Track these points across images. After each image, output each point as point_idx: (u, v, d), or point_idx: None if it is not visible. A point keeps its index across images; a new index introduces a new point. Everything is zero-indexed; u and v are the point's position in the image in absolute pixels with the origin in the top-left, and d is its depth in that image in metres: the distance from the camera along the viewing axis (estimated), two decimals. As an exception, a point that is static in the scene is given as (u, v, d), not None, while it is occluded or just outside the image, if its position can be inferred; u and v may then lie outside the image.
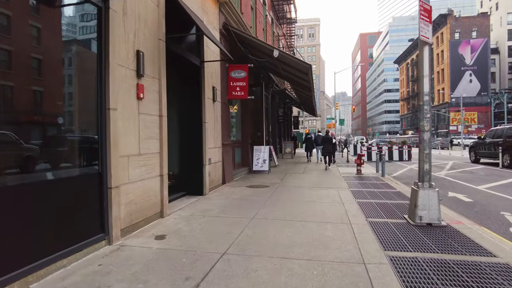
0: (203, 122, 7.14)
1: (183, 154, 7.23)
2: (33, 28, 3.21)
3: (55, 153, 3.50)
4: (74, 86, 3.76)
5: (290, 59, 8.88)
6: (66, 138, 3.62)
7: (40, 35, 3.27)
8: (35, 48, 3.24)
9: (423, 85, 4.72)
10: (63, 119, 3.59)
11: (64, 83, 3.61)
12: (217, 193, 7.37)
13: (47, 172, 3.34)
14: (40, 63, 3.29)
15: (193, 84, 7.13)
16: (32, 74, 3.20)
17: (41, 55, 3.28)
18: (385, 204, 6.11)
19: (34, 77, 3.22)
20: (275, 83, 15.85)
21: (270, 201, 6.41)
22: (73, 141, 3.73)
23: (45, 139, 3.40)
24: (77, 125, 3.79)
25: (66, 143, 3.63)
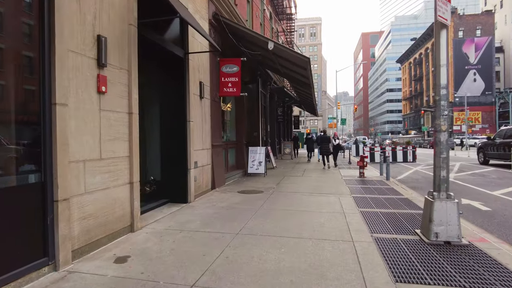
0: (188, 121, 6.39)
1: (166, 157, 6.48)
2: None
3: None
4: (9, 77, 3.01)
5: (287, 53, 8.12)
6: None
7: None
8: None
9: (440, 76, 3.95)
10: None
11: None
12: (203, 200, 6.61)
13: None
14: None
15: (176, 79, 6.38)
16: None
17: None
18: (392, 215, 5.33)
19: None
20: (273, 80, 15.08)
21: (261, 211, 5.65)
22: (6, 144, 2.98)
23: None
24: (13, 124, 3.05)
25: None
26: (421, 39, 65.18)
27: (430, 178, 10.92)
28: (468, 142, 35.80)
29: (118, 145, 4.24)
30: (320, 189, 7.95)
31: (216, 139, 8.00)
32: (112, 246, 3.92)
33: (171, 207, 6.01)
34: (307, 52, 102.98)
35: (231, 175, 9.70)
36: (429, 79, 62.75)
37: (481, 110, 53.09)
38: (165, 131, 6.47)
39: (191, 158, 6.45)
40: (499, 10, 62.26)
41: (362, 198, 6.79)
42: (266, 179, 9.85)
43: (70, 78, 3.43)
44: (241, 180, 9.66)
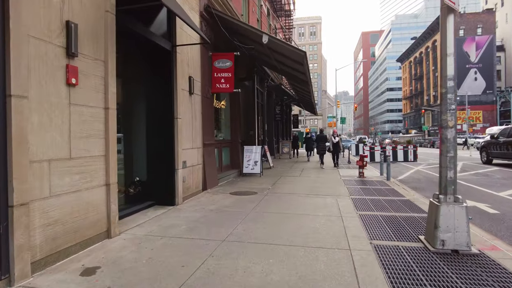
0: (175, 118, 6.00)
1: (152, 156, 6.09)
2: None
3: None
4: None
5: (282, 46, 7.72)
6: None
7: None
8: None
9: (446, 66, 3.55)
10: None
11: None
12: (192, 203, 6.22)
13: None
14: None
15: (163, 73, 5.98)
16: None
17: None
18: (394, 219, 4.94)
19: None
20: (270, 78, 14.69)
21: (253, 214, 5.26)
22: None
23: None
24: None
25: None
26: (422, 38, 64.75)
27: (432, 178, 10.57)
28: (469, 141, 35.37)
29: (92, 143, 3.85)
30: (317, 190, 7.56)
31: (207, 138, 7.61)
32: (83, 255, 3.53)
33: (157, 210, 5.63)
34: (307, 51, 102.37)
35: (225, 175, 9.32)
36: (430, 78, 62.34)
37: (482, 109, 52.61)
38: (151, 128, 6.08)
39: (179, 157, 6.06)
40: (500, 8, 61.79)
41: (361, 200, 6.40)
42: (261, 180, 9.46)
43: (31, 67, 3.04)
44: (236, 181, 9.27)
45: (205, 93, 7.55)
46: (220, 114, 10.12)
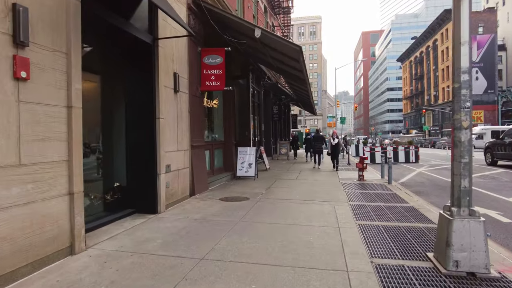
0: (157, 117, 5.48)
1: (132, 160, 5.57)
2: None
3: None
4: None
5: (276, 41, 7.20)
6: None
7: None
8: None
9: (460, 56, 3.04)
10: None
11: None
12: (176, 210, 5.70)
13: None
14: None
15: (143, 69, 5.47)
16: None
17: None
18: (397, 230, 4.42)
19: None
20: (267, 76, 14.17)
21: (240, 225, 4.74)
22: None
23: None
24: None
25: None
26: (422, 37, 64.23)
27: (436, 181, 10.06)
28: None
29: (50, 146, 3.34)
30: (314, 195, 7.04)
31: (196, 139, 7.09)
32: (36, 277, 3.02)
33: (136, 219, 5.11)
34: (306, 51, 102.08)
35: (217, 179, 8.80)
36: (430, 78, 61.81)
37: (483, 109, 52.25)
38: (131, 130, 5.56)
39: (161, 161, 5.54)
40: (501, 7, 61.27)
41: (361, 207, 5.88)
42: (255, 183, 8.94)
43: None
44: (228, 184, 8.74)
45: (193, 91, 7.03)
46: (212, 114, 9.61)
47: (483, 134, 32.51)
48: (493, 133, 31.11)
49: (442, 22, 56.35)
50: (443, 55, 57.32)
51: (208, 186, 7.69)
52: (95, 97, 5.28)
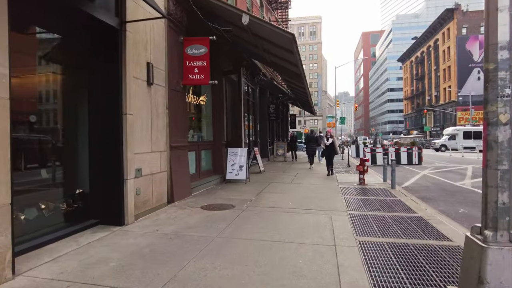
0: (123, 114, 4.70)
1: (96, 163, 4.79)
2: None
3: None
4: None
5: (266, 29, 6.41)
6: None
7: None
8: None
9: (497, 27, 2.25)
10: None
11: None
12: (147, 222, 4.91)
13: None
14: None
15: (107, 57, 4.69)
16: None
17: None
18: (406, 249, 3.63)
19: None
20: (262, 72, 13.38)
21: (217, 242, 3.95)
22: None
23: None
24: None
25: None
26: (423, 37, 63.49)
27: (443, 186, 9.27)
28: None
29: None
30: (309, 203, 6.25)
31: (176, 139, 6.31)
32: None
33: (96, 233, 4.32)
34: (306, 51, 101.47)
35: (204, 183, 8.01)
36: (431, 78, 61.05)
37: (485, 110, 51.36)
38: (94, 128, 4.77)
39: (129, 164, 4.75)
40: (503, 7, 60.42)
41: (362, 218, 5.09)
42: (246, 187, 8.15)
43: None
44: (216, 189, 7.95)
45: (173, 85, 6.25)
46: (199, 111, 8.83)
47: (455, 134, 32.69)
48: (465, 134, 31.64)
49: (443, 21, 55.56)
50: (445, 55, 56.52)
51: (191, 191, 6.90)
52: (52, 90, 4.51)
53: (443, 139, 33.76)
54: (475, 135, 31.57)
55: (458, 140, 31.41)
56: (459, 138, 31.39)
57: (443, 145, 32.02)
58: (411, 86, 74.20)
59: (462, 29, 53.71)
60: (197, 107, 8.60)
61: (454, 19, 53.51)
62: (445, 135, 35.33)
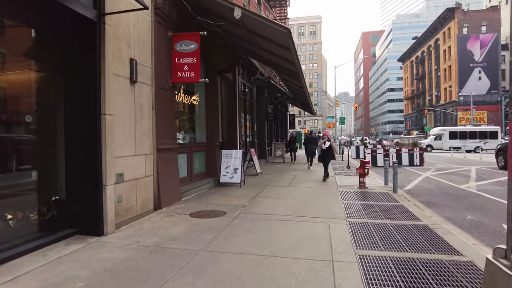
0: (102, 114, 4.31)
1: (72, 167, 4.40)
2: None
3: None
4: None
5: (260, 23, 6.00)
6: None
7: None
8: None
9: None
10: None
11: None
12: (129, 231, 4.52)
13: None
14: None
15: (85, 53, 4.30)
16: None
17: None
18: (413, 266, 3.23)
19: None
20: (259, 71, 12.98)
21: (201, 257, 3.56)
22: None
23: None
24: None
25: None
26: (424, 37, 63.10)
27: (447, 189, 8.86)
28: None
29: None
30: (306, 209, 5.86)
31: (164, 141, 5.91)
32: None
33: (71, 245, 3.93)
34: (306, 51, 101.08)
35: (196, 186, 7.62)
36: (432, 78, 60.66)
37: (486, 110, 51.09)
38: (71, 129, 4.38)
39: (108, 168, 4.35)
40: (504, 6, 60.13)
41: (362, 226, 4.70)
42: (240, 191, 7.75)
43: None
44: (208, 193, 7.56)
45: (161, 83, 5.85)
46: (192, 112, 8.44)
47: (441, 135, 32.75)
48: (450, 134, 31.76)
49: (444, 21, 55.18)
50: (445, 54, 56.12)
51: (180, 196, 6.50)
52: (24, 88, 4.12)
53: (429, 140, 34.02)
54: (461, 135, 31.76)
55: (444, 140, 31.57)
56: (445, 138, 31.53)
57: (429, 145, 32.03)
58: (412, 86, 73.79)
59: (463, 29, 53.30)
60: (189, 107, 8.21)
61: (455, 18, 53.11)
62: (431, 136, 35.62)
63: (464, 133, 31.67)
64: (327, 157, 9.87)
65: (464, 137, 31.20)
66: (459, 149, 28.58)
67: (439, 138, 32.14)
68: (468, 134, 31.41)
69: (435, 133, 34.14)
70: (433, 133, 35.45)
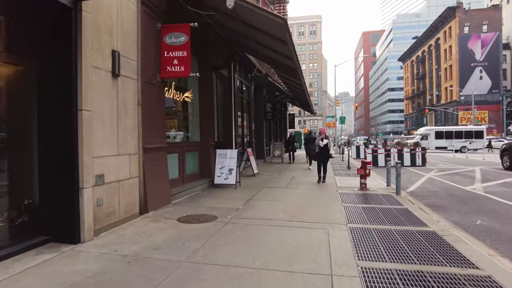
0: (79, 109, 3.91)
1: (46, 168, 4.01)
2: None
3: None
4: None
5: (254, 13, 5.59)
6: None
7: None
8: None
9: None
10: None
11: None
12: (108, 238, 4.12)
13: None
14: None
15: (61, 43, 3.91)
16: None
17: None
18: (423, 281, 2.84)
19: None
20: (257, 68, 12.58)
21: (183, 270, 3.17)
22: None
23: None
24: None
25: None
26: (424, 36, 62.70)
27: (452, 190, 8.44)
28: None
29: None
30: (303, 213, 5.46)
31: (152, 140, 5.52)
32: None
33: (41, 254, 3.54)
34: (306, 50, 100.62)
35: (189, 188, 7.23)
36: (432, 77, 60.26)
37: (487, 109, 50.68)
38: (45, 127, 3.99)
39: (86, 169, 3.96)
40: (505, 5, 59.68)
41: (365, 233, 4.30)
42: (235, 193, 7.36)
43: None
44: (201, 195, 7.16)
45: (148, 77, 5.46)
46: (185, 109, 8.04)
47: (427, 134, 32.77)
48: (437, 134, 31.89)
49: (445, 20, 54.76)
50: (446, 54, 55.70)
51: (170, 199, 6.10)
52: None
53: (415, 140, 33.96)
54: (447, 135, 31.83)
55: (430, 140, 31.65)
56: (431, 138, 31.58)
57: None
58: (412, 86, 73.38)
59: (464, 28, 52.86)
60: (182, 104, 7.81)
61: (456, 17, 52.68)
62: (417, 135, 35.68)
63: (450, 133, 31.81)
64: (326, 156, 9.20)
65: (450, 137, 31.34)
66: (445, 148, 28.55)
67: (425, 138, 32.14)
68: (454, 134, 31.58)
69: (421, 133, 34.29)
70: (419, 133, 35.68)
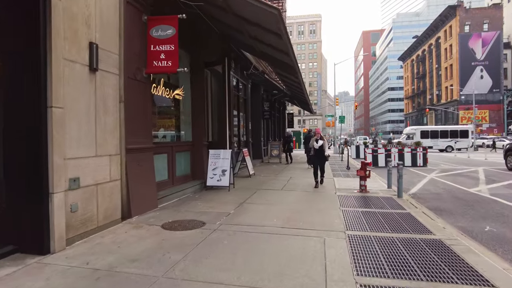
0: (48, 106, 3.53)
1: (15, 172, 3.63)
2: None
3: None
4: None
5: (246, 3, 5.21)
6: None
7: None
8: None
9: None
10: None
11: None
12: (82, 248, 3.74)
13: None
14: None
15: (28, 33, 3.53)
16: None
17: None
18: (431, 305, 2.46)
19: None
20: (253, 65, 12.19)
21: (160, 285, 2.79)
22: None
23: None
24: None
25: None
26: (424, 36, 62.31)
27: (456, 193, 8.06)
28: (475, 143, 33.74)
29: None
30: (299, 219, 5.08)
31: (135, 139, 5.13)
32: None
33: (3, 268, 3.16)
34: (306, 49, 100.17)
35: (179, 190, 6.86)
36: (433, 77, 59.88)
37: (488, 109, 50.30)
38: (11, 125, 3.61)
39: (57, 172, 3.58)
40: (506, 4, 59.28)
41: (365, 242, 3.93)
42: (228, 196, 6.99)
43: None
44: (192, 198, 6.79)
45: (131, 72, 5.08)
46: (175, 107, 7.65)
47: (413, 134, 33.01)
48: (422, 133, 32.08)
49: (445, 19, 54.34)
50: (446, 53, 55.31)
51: (157, 203, 5.72)
52: None
53: (401, 139, 34.28)
54: (432, 134, 32.08)
55: (416, 139, 31.61)
56: (417, 137, 31.50)
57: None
58: (412, 85, 72.99)
59: (464, 27, 52.45)
60: (172, 102, 7.43)
61: (457, 16, 52.28)
62: (403, 135, 36.12)
63: (435, 132, 32.11)
64: (322, 158, 8.44)
65: (435, 136, 31.64)
66: (431, 148, 28.52)
67: (411, 137, 32.32)
68: (439, 133, 31.71)
69: (407, 132, 34.79)
70: (406, 132, 36.28)
